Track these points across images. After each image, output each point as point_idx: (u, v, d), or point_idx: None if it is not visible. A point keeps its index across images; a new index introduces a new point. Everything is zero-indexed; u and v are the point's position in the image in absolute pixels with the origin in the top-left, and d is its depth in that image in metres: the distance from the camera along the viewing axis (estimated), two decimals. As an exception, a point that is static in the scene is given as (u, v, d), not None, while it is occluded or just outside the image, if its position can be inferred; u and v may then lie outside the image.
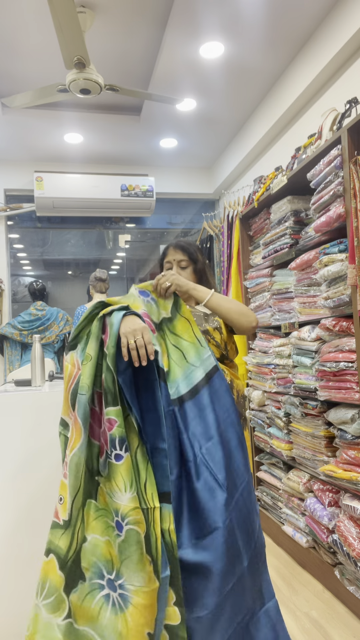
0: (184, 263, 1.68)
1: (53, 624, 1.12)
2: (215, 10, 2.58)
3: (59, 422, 1.39)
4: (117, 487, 1.17)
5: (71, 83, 2.71)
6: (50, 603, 1.15)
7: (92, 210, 4.55)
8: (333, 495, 2.18)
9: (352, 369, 2.00)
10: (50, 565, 1.19)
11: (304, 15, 2.69)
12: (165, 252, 1.72)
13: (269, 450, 2.86)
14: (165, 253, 1.72)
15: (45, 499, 1.95)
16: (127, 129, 4.01)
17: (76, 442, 1.21)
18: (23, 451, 1.95)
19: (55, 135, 4.07)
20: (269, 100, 3.49)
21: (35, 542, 1.93)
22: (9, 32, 2.82)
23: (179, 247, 1.69)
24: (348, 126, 1.98)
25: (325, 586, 2.22)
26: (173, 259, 1.68)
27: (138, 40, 2.98)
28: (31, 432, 1.96)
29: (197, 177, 4.97)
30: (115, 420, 1.19)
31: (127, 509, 1.15)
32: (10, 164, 4.55)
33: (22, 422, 1.96)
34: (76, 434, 1.22)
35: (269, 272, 2.91)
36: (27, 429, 1.96)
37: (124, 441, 1.18)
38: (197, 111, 3.72)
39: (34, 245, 4.99)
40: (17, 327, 4.14)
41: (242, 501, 1.30)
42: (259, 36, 2.84)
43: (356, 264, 1.88)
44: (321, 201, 2.19)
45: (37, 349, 2.26)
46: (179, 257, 1.68)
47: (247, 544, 1.27)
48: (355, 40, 2.52)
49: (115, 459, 1.17)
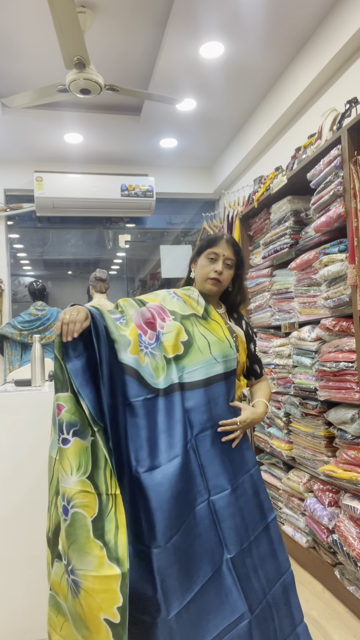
0: (229, 262, 1.55)
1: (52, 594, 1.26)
2: (215, 10, 2.58)
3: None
4: (64, 470, 1.18)
5: (71, 83, 2.71)
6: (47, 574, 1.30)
7: (92, 210, 4.55)
8: (333, 495, 2.18)
9: (352, 369, 2.00)
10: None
11: (304, 15, 2.69)
12: (215, 242, 1.54)
13: (269, 450, 2.86)
14: (214, 243, 1.54)
15: (45, 498, 1.95)
16: (127, 129, 4.01)
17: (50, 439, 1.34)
18: (23, 451, 1.95)
19: (55, 135, 4.07)
20: (269, 100, 3.49)
21: (33, 541, 1.93)
22: (9, 32, 2.82)
23: (232, 244, 1.55)
24: (348, 126, 1.98)
25: (325, 586, 2.22)
26: (222, 253, 1.53)
27: (138, 40, 2.98)
28: (31, 432, 1.96)
29: (197, 177, 4.97)
30: (64, 405, 1.22)
31: (73, 492, 1.16)
32: (10, 164, 4.55)
33: (22, 422, 1.96)
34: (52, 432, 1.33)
35: (269, 272, 2.91)
36: (27, 429, 1.96)
37: (71, 426, 1.20)
38: (197, 111, 3.72)
39: (34, 245, 4.99)
40: (17, 327, 4.14)
41: (243, 491, 1.37)
42: (259, 36, 2.84)
43: (356, 264, 1.88)
44: (321, 201, 2.19)
45: (37, 349, 2.26)
46: (228, 254, 1.54)
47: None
48: (355, 40, 2.52)
49: (63, 442, 1.19)
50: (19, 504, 1.93)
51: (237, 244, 1.58)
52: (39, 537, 1.93)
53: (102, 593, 1.10)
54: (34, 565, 1.92)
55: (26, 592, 1.92)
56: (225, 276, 1.54)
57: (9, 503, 1.92)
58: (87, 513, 1.15)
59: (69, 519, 1.15)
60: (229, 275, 1.56)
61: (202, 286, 1.57)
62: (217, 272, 1.52)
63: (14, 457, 1.94)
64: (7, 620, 1.90)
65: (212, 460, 1.36)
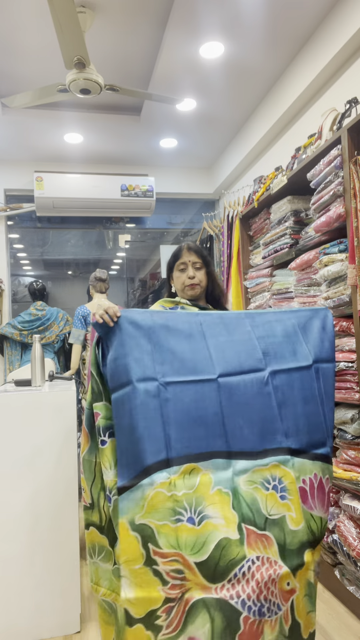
0: (198, 265, 1.73)
1: (108, 569, 1.40)
2: (215, 10, 2.58)
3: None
4: (105, 466, 1.36)
5: (71, 83, 2.71)
6: (103, 557, 1.42)
7: (92, 210, 4.55)
8: (333, 495, 2.18)
9: (352, 369, 2.00)
10: (93, 534, 1.44)
11: (304, 15, 2.69)
12: (179, 254, 1.74)
13: (269, 450, 2.85)
14: (179, 255, 1.74)
15: (45, 498, 1.95)
16: (127, 129, 4.01)
17: (85, 446, 1.47)
18: (23, 451, 1.95)
19: (55, 135, 4.07)
20: (269, 100, 3.49)
21: (34, 542, 1.93)
22: (9, 32, 2.83)
23: (193, 249, 1.73)
24: (348, 126, 1.98)
25: (325, 586, 2.22)
26: (188, 260, 1.72)
27: (138, 40, 2.98)
28: (31, 432, 1.96)
29: (197, 177, 4.97)
30: (99, 412, 1.40)
31: (112, 483, 1.33)
32: (10, 164, 4.55)
33: (22, 422, 1.96)
34: (84, 439, 1.48)
35: (269, 272, 2.91)
36: (27, 429, 1.96)
37: (107, 429, 1.38)
38: (197, 111, 3.72)
39: (34, 245, 5.00)
40: (17, 327, 4.14)
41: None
42: (259, 36, 2.84)
43: (356, 264, 1.88)
44: (321, 201, 2.19)
45: (37, 349, 2.26)
46: (193, 259, 1.72)
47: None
48: (355, 40, 2.52)
49: (101, 444, 1.38)
50: (19, 504, 1.93)
51: (198, 247, 1.74)
52: (39, 537, 1.94)
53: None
54: (34, 566, 1.92)
55: (26, 592, 1.92)
56: (199, 277, 1.72)
57: (10, 503, 1.92)
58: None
59: (112, 505, 1.33)
60: (202, 275, 1.73)
61: (184, 295, 1.73)
62: (190, 277, 1.70)
63: (14, 457, 1.94)
64: (7, 620, 1.90)
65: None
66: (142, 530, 1.23)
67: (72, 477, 2.00)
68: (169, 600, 1.20)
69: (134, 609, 1.20)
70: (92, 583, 1.42)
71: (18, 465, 1.94)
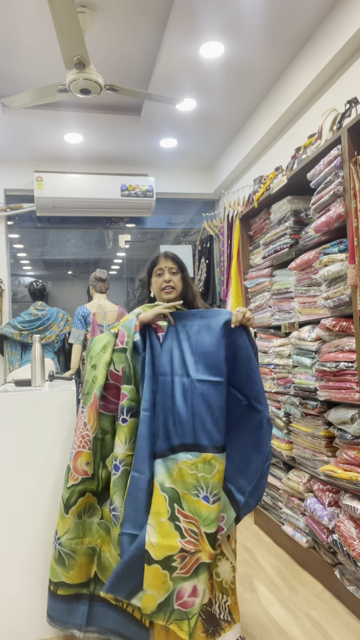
0: (174, 270, 1.90)
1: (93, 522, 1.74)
2: (215, 10, 2.58)
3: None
4: (120, 440, 1.67)
5: (71, 83, 2.71)
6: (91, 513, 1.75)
7: (92, 210, 4.55)
8: (333, 495, 2.18)
9: (352, 369, 2.00)
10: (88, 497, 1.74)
11: (304, 15, 2.69)
12: (156, 261, 1.92)
13: (269, 450, 2.86)
14: (156, 262, 1.91)
15: (45, 498, 1.95)
16: (127, 129, 4.01)
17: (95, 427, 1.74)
18: (23, 451, 1.95)
19: (55, 135, 4.07)
20: (269, 100, 3.49)
21: (34, 541, 1.93)
22: (9, 32, 2.83)
23: (169, 256, 1.91)
24: (348, 126, 1.98)
25: (325, 586, 2.22)
26: (165, 266, 1.89)
27: (138, 40, 2.98)
28: (31, 432, 1.96)
29: (197, 177, 4.97)
30: (126, 394, 1.70)
31: (124, 456, 1.66)
32: (10, 164, 4.55)
33: (22, 422, 1.96)
34: (94, 421, 1.74)
35: (269, 272, 2.91)
36: (27, 428, 1.96)
37: (129, 410, 1.68)
38: (197, 111, 3.72)
39: (34, 245, 5.00)
40: (17, 327, 4.14)
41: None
42: (259, 36, 2.84)
43: (356, 264, 1.88)
44: (321, 201, 2.19)
45: (37, 349, 2.26)
46: (169, 265, 1.89)
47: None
48: (355, 40, 2.53)
49: (122, 422, 1.68)
50: (19, 504, 1.93)
51: (174, 254, 1.92)
52: (39, 537, 1.94)
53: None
54: (34, 566, 1.92)
55: (26, 592, 1.92)
56: (175, 281, 1.88)
57: (10, 503, 1.92)
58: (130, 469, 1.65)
59: (118, 473, 1.65)
60: (177, 280, 1.90)
61: (162, 298, 1.90)
62: (166, 281, 1.87)
63: (15, 457, 1.94)
64: (8, 620, 1.90)
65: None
66: (170, 492, 1.56)
67: (72, 477, 1.99)
68: (184, 550, 1.51)
69: (154, 552, 1.51)
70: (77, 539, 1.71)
71: (18, 465, 1.94)
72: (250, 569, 2.43)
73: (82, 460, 1.70)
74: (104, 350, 1.76)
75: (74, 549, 1.70)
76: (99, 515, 1.75)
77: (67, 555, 1.69)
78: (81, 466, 1.70)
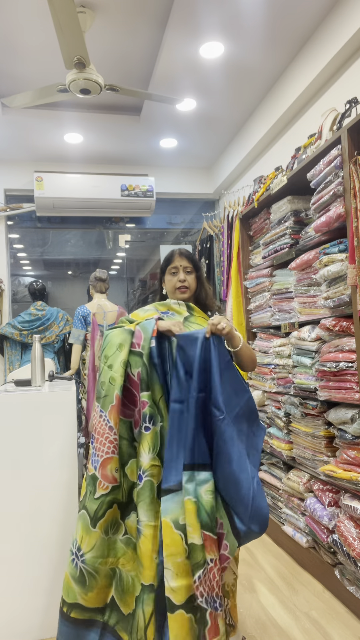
0: (189, 269, 1.81)
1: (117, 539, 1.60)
2: (215, 10, 2.58)
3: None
4: (144, 449, 1.56)
5: (71, 83, 2.71)
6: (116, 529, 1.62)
7: (92, 210, 4.55)
8: (333, 495, 2.18)
9: (352, 369, 2.00)
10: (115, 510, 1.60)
11: (304, 15, 2.69)
12: (171, 259, 1.83)
13: (269, 450, 2.86)
14: (171, 259, 1.82)
15: (45, 498, 1.95)
16: (127, 129, 4.01)
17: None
18: (23, 451, 1.95)
19: (55, 135, 4.07)
20: (269, 100, 3.49)
21: (34, 541, 1.93)
22: (9, 32, 2.83)
23: (184, 254, 1.82)
24: (348, 126, 1.98)
25: (325, 586, 2.22)
26: (180, 265, 1.80)
27: (138, 40, 2.98)
28: (31, 432, 1.96)
29: (197, 177, 4.97)
30: (146, 402, 1.58)
31: (147, 465, 1.54)
32: (10, 164, 4.55)
33: (22, 422, 1.96)
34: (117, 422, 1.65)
35: (269, 272, 2.91)
36: (27, 429, 1.96)
37: (151, 417, 1.58)
38: (197, 111, 3.72)
39: (34, 245, 5.00)
40: (17, 327, 4.14)
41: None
42: (259, 36, 2.84)
43: (356, 264, 1.88)
44: (321, 201, 2.19)
45: (37, 349, 2.26)
46: (184, 263, 1.81)
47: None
48: (355, 40, 2.52)
49: (145, 430, 1.57)
50: (19, 504, 1.93)
51: (189, 253, 1.84)
52: (39, 537, 1.94)
53: (155, 538, 1.51)
54: (34, 565, 1.92)
55: (26, 592, 1.92)
56: (189, 281, 1.80)
57: (9, 503, 1.92)
58: (154, 480, 1.55)
59: (142, 484, 1.54)
60: (192, 279, 1.81)
61: (174, 297, 1.82)
62: (181, 280, 1.79)
63: (15, 457, 1.94)
64: (8, 620, 1.90)
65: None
66: (184, 529, 1.45)
67: (73, 477, 2.00)
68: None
69: (175, 596, 1.42)
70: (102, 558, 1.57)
71: (18, 465, 1.94)
72: (250, 569, 2.43)
73: (112, 467, 1.58)
74: (120, 349, 1.64)
75: (97, 569, 1.55)
76: (122, 531, 1.62)
77: (90, 575, 1.54)
78: (111, 473, 1.58)
